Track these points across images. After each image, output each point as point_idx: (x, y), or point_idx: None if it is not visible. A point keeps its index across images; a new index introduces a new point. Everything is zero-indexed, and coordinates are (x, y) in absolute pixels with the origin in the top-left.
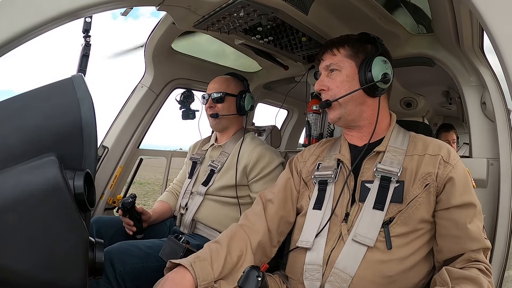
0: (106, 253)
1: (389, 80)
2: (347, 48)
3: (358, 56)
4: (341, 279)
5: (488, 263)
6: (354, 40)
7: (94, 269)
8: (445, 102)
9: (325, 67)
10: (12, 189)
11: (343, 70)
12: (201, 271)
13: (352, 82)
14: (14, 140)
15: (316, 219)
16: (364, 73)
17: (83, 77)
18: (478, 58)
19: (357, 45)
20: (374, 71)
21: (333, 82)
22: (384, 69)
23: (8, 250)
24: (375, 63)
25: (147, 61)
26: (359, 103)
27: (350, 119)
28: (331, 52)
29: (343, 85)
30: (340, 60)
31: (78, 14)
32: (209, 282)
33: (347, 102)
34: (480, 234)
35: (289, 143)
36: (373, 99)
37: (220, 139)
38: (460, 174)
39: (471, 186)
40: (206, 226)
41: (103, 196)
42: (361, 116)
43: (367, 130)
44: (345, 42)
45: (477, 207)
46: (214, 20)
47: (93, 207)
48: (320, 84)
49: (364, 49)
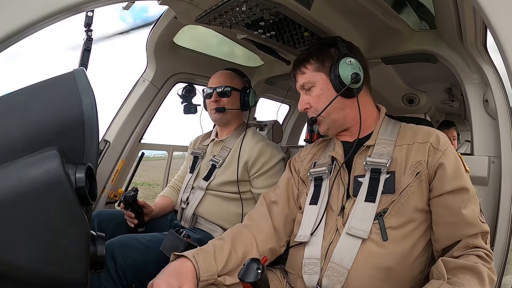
0: (107, 246)
1: (359, 79)
2: (313, 62)
3: (325, 65)
4: (338, 272)
5: (488, 248)
6: (316, 50)
7: (95, 263)
8: (447, 99)
9: (300, 86)
10: (14, 183)
11: (317, 84)
12: (204, 263)
13: (327, 93)
14: (16, 134)
15: (313, 214)
16: (335, 80)
17: (84, 71)
18: (481, 55)
19: (321, 55)
20: (343, 74)
21: (312, 98)
22: (351, 69)
23: (10, 243)
24: (341, 66)
25: (148, 55)
26: (340, 109)
27: (337, 126)
28: (300, 71)
29: (320, 98)
30: (310, 76)
31: (79, 8)
32: (212, 274)
33: (330, 113)
34: (476, 218)
35: (291, 138)
36: (353, 100)
37: (220, 134)
38: (450, 159)
39: (463, 170)
40: (207, 221)
41: (104, 190)
42: (346, 119)
43: (356, 128)
44: (309, 57)
45: (470, 191)
46: (216, 14)
47: (94, 201)
48: (302, 104)
49: (329, 55)
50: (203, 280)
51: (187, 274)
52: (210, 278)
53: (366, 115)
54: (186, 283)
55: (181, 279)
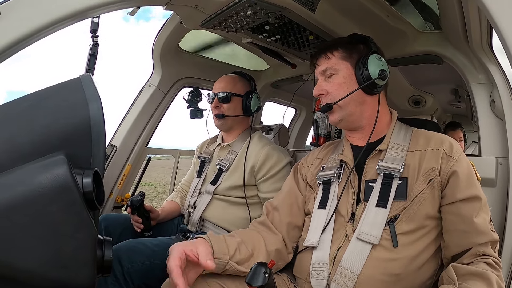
0: (114, 251)
1: (386, 76)
2: (341, 50)
3: (352, 57)
4: (347, 277)
5: (497, 257)
6: (346, 41)
7: (103, 267)
8: (454, 100)
9: (322, 71)
10: (21, 188)
11: (340, 72)
12: (217, 243)
13: (350, 83)
14: (23, 139)
15: (321, 218)
16: (361, 72)
17: (91, 76)
18: (486, 55)
19: (350, 46)
20: (371, 69)
21: (332, 86)
22: (380, 65)
23: (17, 248)
24: (371, 60)
25: (154, 61)
26: (359, 103)
27: (351, 120)
28: (326, 56)
29: (342, 87)
30: (335, 63)
31: (85, 14)
32: (224, 254)
33: (347, 104)
34: (487, 227)
35: (297, 142)
36: (372, 98)
37: (226, 139)
38: (463, 167)
39: (475, 179)
40: (214, 225)
41: (111, 194)
42: (362, 115)
43: (369, 130)
44: (337, 45)
45: (482, 200)
46: (221, 19)
47: (101, 206)
48: (318, 89)
49: (357, 49)
50: (216, 258)
51: (200, 242)
52: (223, 258)
53: (380, 117)
54: (201, 244)
55: (196, 243)
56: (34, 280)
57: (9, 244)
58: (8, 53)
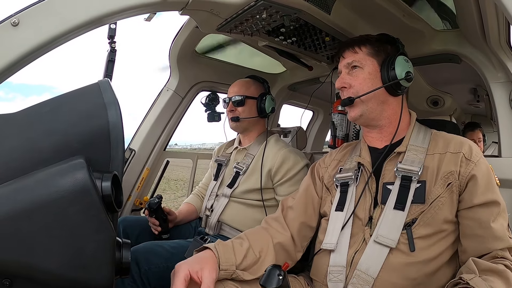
0: (132, 253)
1: (411, 78)
2: (369, 47)
3: (379, 55)
4: (364, 281)
5: None
6: (374, 39)
7: (121, 269)
8: (473, 99)
9: (347, 64)
10: (42, 191)
11: (365, 67)
12: (223, 253)
13: (374, 80)
14: (44, 143)
15: (339, 220)
16: (387, 71)
17: (109, 82)
18: (505, 53)
19: (378, 44)
20: (398, 70)
21: (355, 79)
22: (407, 67)
23: (38, 249)
24: (398, 61)
25: (171, 65)
26: (381, 102)
27: (371, 117)
28: (353, 50)
29: (366, 82)
30: (362, 58)
31: (103, 21)
32: (231, 265)
33: (369, 100)
34: (504, 233)
35: (315, 144)
36: (394, 98)
37: (243, 142)
38: (483, 171)
39: (494, 183)
40: (231, 228)
41: (130, 197)
42: (382, 114)
43: (388, 130)
44: (366, 41)
45: (501, 205)
46: (237, 22)
47: (120, 208)
48: (341, 82)
49: (385, 48)
50: (222, 269)
51: (207, 259)
52: (230, 269)
53: (398, 119)
54: (206, 266)
55: (202, 263)
56: (52, 281)
57: (29, 245)
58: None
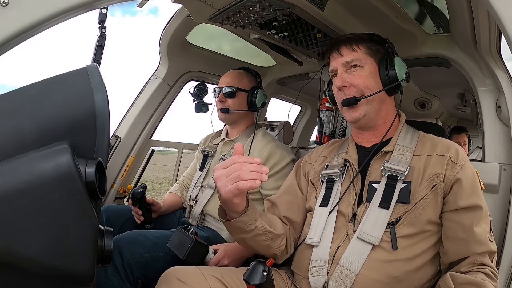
0: (115, 242)
1: (409, 79)
2: (366, 46)
3: (376, 55)
4: (345, 276)
5: (494, 267)
6: (368, 39)
7: (103, 257)
8: (460, 104)
9: (345, 62)
10: (25, 175)
11: (366, 66)
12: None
13: (375, 78)
14: (28, 127)
15: (323, 216)
16: (386, 72)
17: (97, 67)
18: (494, 61)
19: (375, 44)
20: (398, 70)
21: (357, 78)
22: (405, 68)
23: (18, 235)
24: (397, 62)
25: (161, 53)
26: (381, 102)
27: (372, 118)
28: (351, 48)
29: (369, 81)
30: (362, 57)
31: (94, 5)
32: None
33: (373, 100)
34: (486, 237)
35: (301, 140)
36: (390, 98)
37: (231, 134)
38: (468, 175)
39: (479, 188)
40: (215, 219)
41: (114, 185)
42: (379, 114)
43: (380, 131)
44: (362, 40)
45: (484, 210)
46: (230, 13)
47: (104, 196)
48: (342, 80)
49: (379, 48)
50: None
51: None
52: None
53: (391, 118)
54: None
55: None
56: (33, 268)
57: (10, 230)
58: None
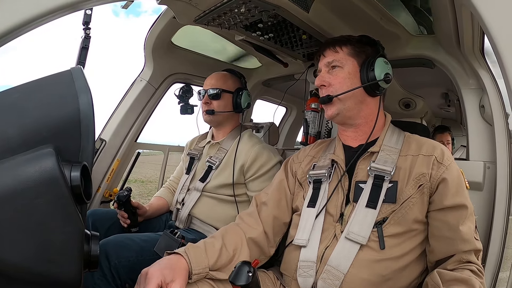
0: (101, 246)
1: (390, 80)
2: (350, 47)
3: (360, 56)
4: (334, 276)
5: (479, 264)
6: (356, 40)
7: (89, 262)
8: (444, 104)
9: (327, 63)
10: (9, 180)
11: (345, 67)
12: (195, 257)
13: (353, 79)
14: (12, 131)
15: (310, 217)
16: (366, 72)
17: (82, 69)
18: (478, 61)
19: (359, 45)
20: (377, 71)
21: (335, 78)
22: (386, 69)
23: (3, 240)
24: (378, 63)
25: (146, 55)
26: (359, 101)
27: (347, 116)
28: (334, 49)
29: (345, 81)
30: (342, 58)
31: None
32: (203, 268)
33: (347, 99)
34: (471, 236)
35: (287, 141)
36: (372, 99)
37: (216, 136)
38: (453, 175)
39: (464, 187)
40: (202, 222)
41: (99, 189)
42: (359, 114)
43: (363, 130)
44: (347, 42)
45: (469, 209)
46: (215, 15)
47: (89, 200)
48: (321, 80)
49: (366, 50)
50: (195, 274)
51: (180, 271)
52: (202, 272)
53: (374, 119)
54: (178, 278)
55: (174, 274)
56: (19, 274)
57: None
58: None
